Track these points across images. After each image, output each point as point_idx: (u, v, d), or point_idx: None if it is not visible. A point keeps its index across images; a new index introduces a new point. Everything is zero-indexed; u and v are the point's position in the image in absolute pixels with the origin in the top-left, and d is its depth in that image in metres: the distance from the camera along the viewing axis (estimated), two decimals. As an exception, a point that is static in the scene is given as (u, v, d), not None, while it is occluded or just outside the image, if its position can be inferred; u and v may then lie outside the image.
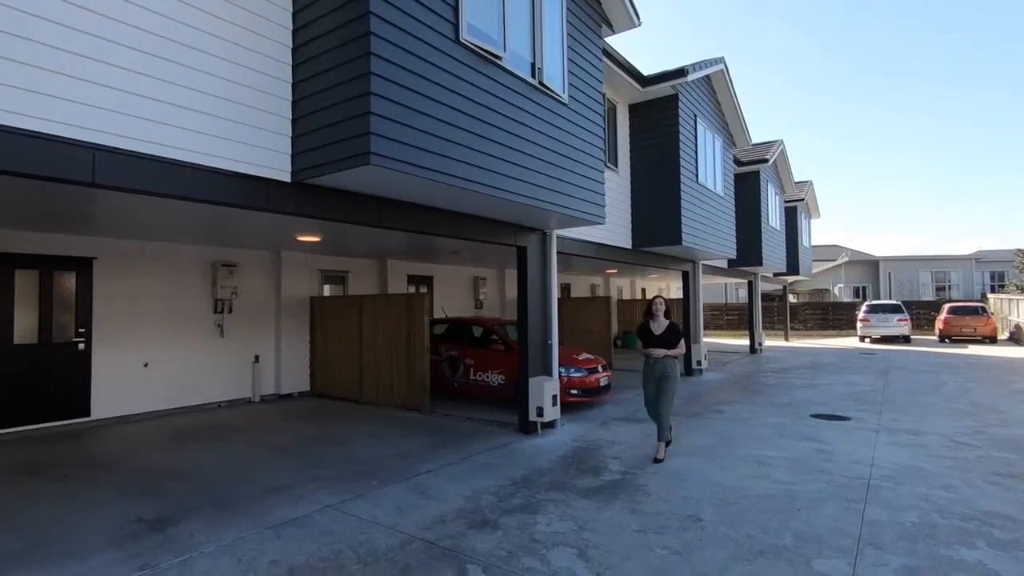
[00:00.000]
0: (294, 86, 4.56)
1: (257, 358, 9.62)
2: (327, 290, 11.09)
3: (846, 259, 35.58)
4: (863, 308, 22.03)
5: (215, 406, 9.03)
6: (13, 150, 3.14)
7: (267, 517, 4.34)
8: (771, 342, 22.05)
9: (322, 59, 4.37)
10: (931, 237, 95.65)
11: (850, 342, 21.82)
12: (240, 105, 4.22)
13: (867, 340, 21.51)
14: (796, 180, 19.61)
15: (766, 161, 15.31)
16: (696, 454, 6.09)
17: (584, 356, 9.07)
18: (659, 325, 5.95)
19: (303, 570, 3.50)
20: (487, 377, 8.96)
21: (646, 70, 9.89)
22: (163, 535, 4.02)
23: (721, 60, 11.27)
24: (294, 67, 4.56)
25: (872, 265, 34.56)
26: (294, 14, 4.60)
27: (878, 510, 4.40)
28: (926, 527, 4.06)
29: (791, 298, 29.08)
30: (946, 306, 22.37)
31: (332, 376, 9.96)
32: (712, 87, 11.79)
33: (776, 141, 16.42)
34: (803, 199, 19.87)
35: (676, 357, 5.89)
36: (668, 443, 6.02)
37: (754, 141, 14.35)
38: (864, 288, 34.14)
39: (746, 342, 20.16)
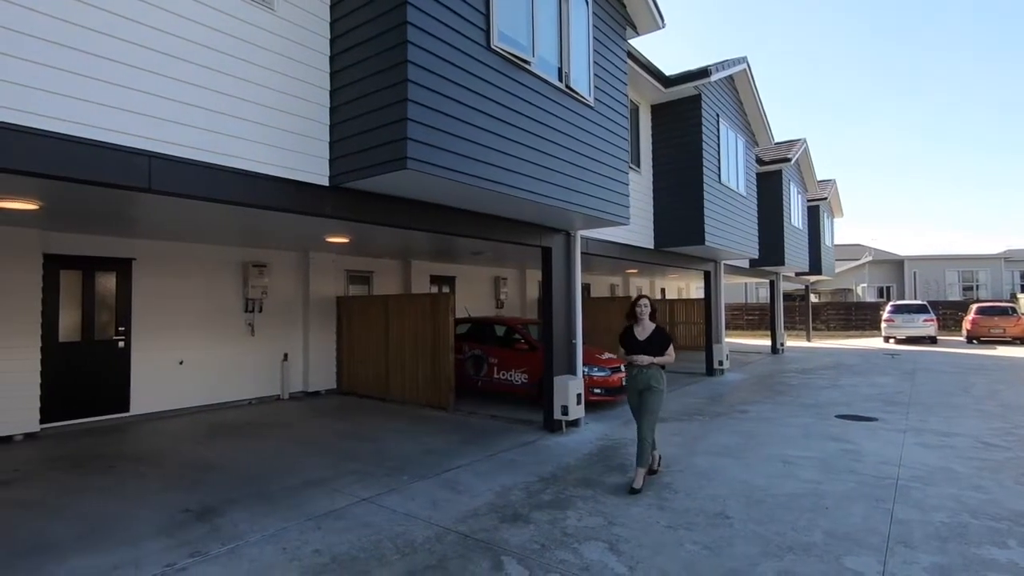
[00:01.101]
0: (332, 93, 4.72)
1: (286, 356, 9.85)
2: (352, 290, 11.31)
3: (870, 258, 35.01)
4: (888, 308, 21.72)
5: (246, 403, 9.28)
6: (81, 159, 3.33)
7: (306, 509, 4.51)
8: (793, 342, 21.85)
9: (360, 67, 4.52)
10: (959, 233, 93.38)
11: (874, 343, 21.51)
12: (282, 112, 4.39)
13: (892, 341, 21.20)
14: (819, 179, 19.43)
15: (788, 160, 15.21)
16: (721, 453, 6.13)
17: (606, 356, 9.15)
18: (643, 329, 5.17)
19: (345, 559, 3.65)
20: (511, 376, 9.07)
21: (667, 69, 9.93)
22: (209, 525, 4.20)
23: (744, 60, 11.24)
24: (332, 74, 4.73)
25: (897, 264, 33.96)
26: (331, 23, 4.76)
27: (907, 510, 4.42)
28: (956, 527, 4.08)
29: (813, 298, 28.71)
30: (974, 306, 21.94)
31: (358, 374, 10.16)
32: (735, 87, 11.76)
33: (799, 140, 16.30)
34: (826, 198, 19.66)
35: (663, 366, 5.13)
36: (653, 472, 5.28)
37: (776, 139, 14.26)
38: (888, 288, 33.55)
39: (767, 342, 20.00)
